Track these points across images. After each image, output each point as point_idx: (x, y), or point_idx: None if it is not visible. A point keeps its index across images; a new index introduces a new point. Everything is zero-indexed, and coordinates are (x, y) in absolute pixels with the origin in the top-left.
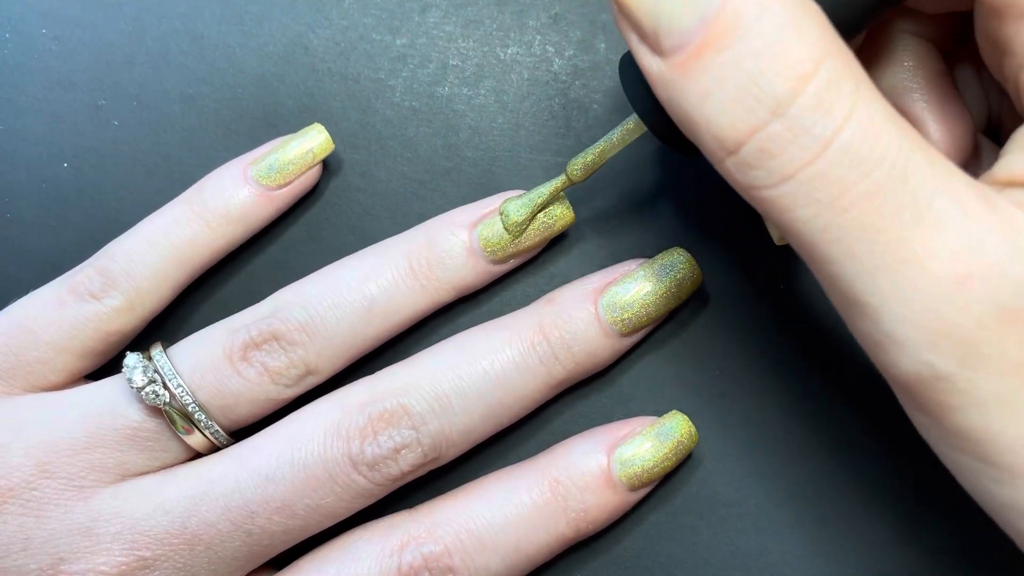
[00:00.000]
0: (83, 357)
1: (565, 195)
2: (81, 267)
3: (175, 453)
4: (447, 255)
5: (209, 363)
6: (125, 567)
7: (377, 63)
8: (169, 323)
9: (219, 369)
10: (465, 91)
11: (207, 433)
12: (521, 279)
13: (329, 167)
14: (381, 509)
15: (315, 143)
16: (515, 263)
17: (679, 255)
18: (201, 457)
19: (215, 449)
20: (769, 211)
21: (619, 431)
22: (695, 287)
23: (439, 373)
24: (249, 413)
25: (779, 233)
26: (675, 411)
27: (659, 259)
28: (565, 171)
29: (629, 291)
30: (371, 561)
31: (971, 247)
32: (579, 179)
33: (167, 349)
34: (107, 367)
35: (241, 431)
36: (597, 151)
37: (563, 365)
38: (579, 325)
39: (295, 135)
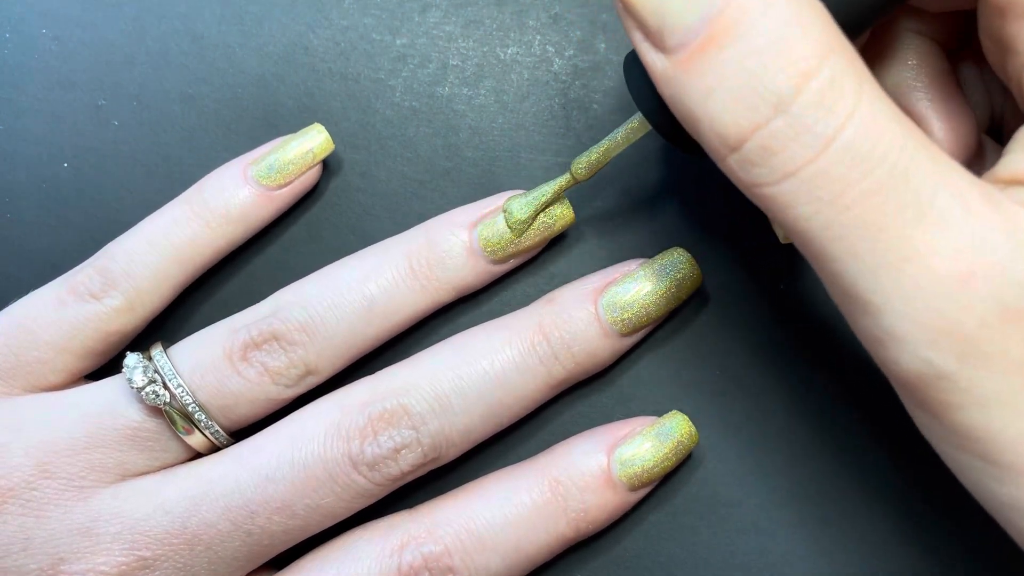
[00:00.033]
0: (83, 357)
1: (565, 195)
2: (81, 267)
3: (175, 453)
4: (447, 255)
5: (209, 363)
6: (125, 567)
7: (377, 63)
8: (169, 323)
9: (219, 369)
10: (465, 91)
11: (207, 433)
12: (521, 279)
13: (329, 167)
14: (381, 509)
15: (315, 143)
16: (515, 263)
17: (679, 255)
18: (201, 457)
19: (215, 449)
20: (771, 209)
21: (619, 431)
22: (695, 287)
23: (439, 373)
24: (249, 413)
25: (783, 232)
26: (675, 411)
27: (659, 259)
28: (569, 170)
29: (629, 291)
30: (371, 561)
31: (974, 245)
32: (583, 178)
33: (167, 349)
34: (107, 367)
35: (241, 431)
36: (601, 150)
37: (563, 365)
38: (579, 325)
39: (295, 135)
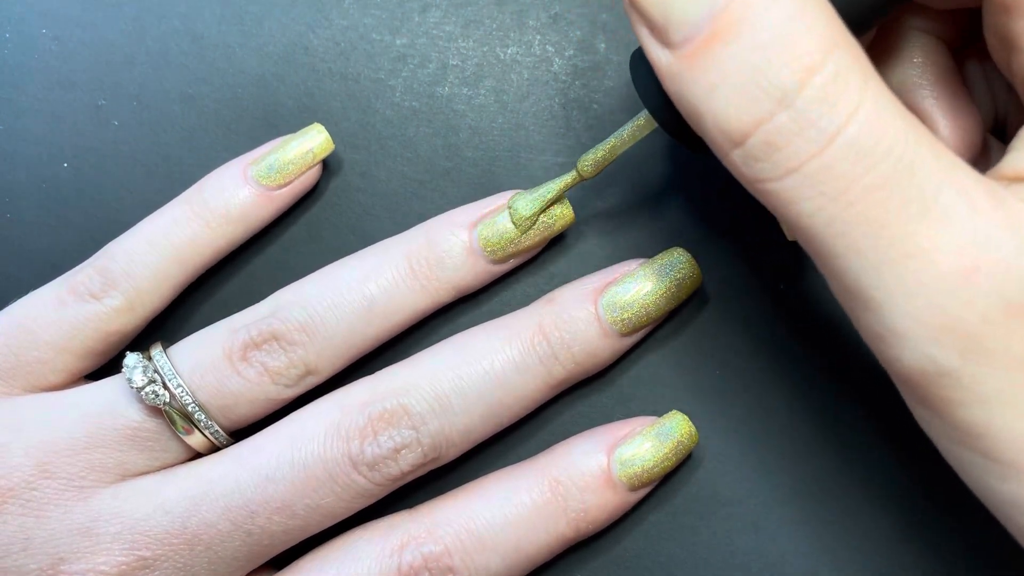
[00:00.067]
0: (83, 357)
1: (566, 195)
2: (81, 267)
3: (175, 453)
4: (447, 255)
5: (209, 363)
6: (125, 567)
7: (377, 63)
8: (169, 323)
9: (219, 369)
10: (465, 91)
11: (207, 433)
12: (521, 279)
13: (329, 167)
14: (381, 509)
15: (315, 143)
16: (515, 263)
17: (679, 255)
18: (201, 457)
19: (215, 449)
20: (775, 205)
21: (619, 431)
22: (695, 287)
23: (439, 373)
24: (249, 413)
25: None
26: (675, 411)
27: (659, 259)
28: (575, 167)
29: (629, 291)
30: (371, 561)
31: (977, 242)
32: (589, 175)
33: (167, 349)
34: (107, 367)
35: (241, 431)
36: (607, 147)
37: (563, 365)
38: (579, 325)
39: (295, 135)
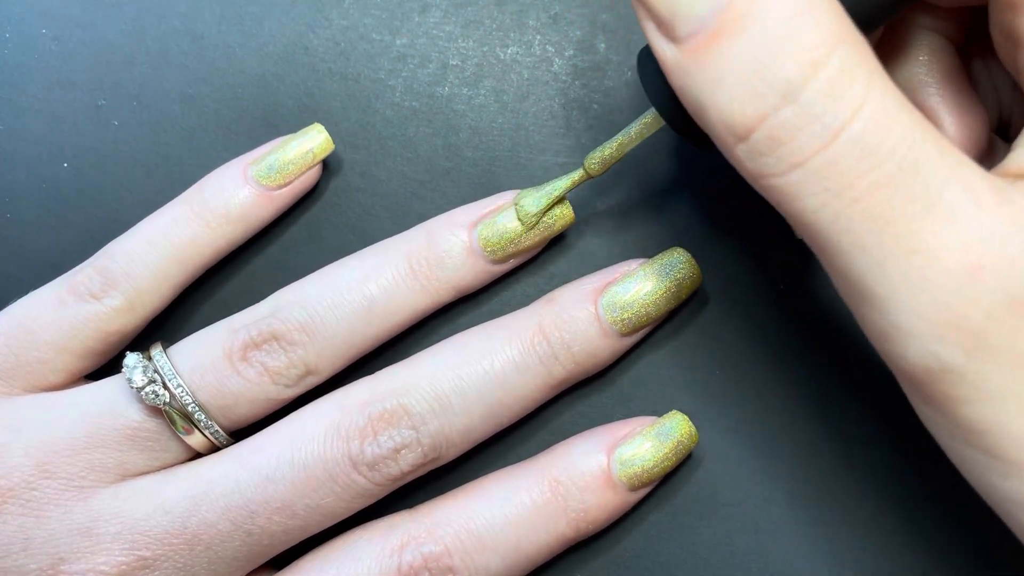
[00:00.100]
0: (83, 357)
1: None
2: (81, 267)
3: (175, 453)
4: (447, 255)
5: (209, 363)
6: (125, 567)
7: (377, 63)
8: (169, 323)
9: (219, 369)
10: (465, 91)
11: (207, 433)
12: (521, 279)
13: (329, 167)
14: (381, 509)
15: (315, 143)
16: (515, 263)
17: (679, 255)
18: (201, 457)
19: (215, 449)
20: (779, 201)
21: (619, 431)
22: (695, 287)
23: (439, 373)
24: (249, 413)
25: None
26: (675, 411)
27: (659, 259)
28: (582, 165)
29: (629, 291)
30: (371, 561)
31: (983, 238)
32: (596, 173)
33: (167, 349)
34: (107, 367)
35: (241, 431)
36: (615, 145)
37: (563, 365)
38: (579, 325)
39: (295, 135)
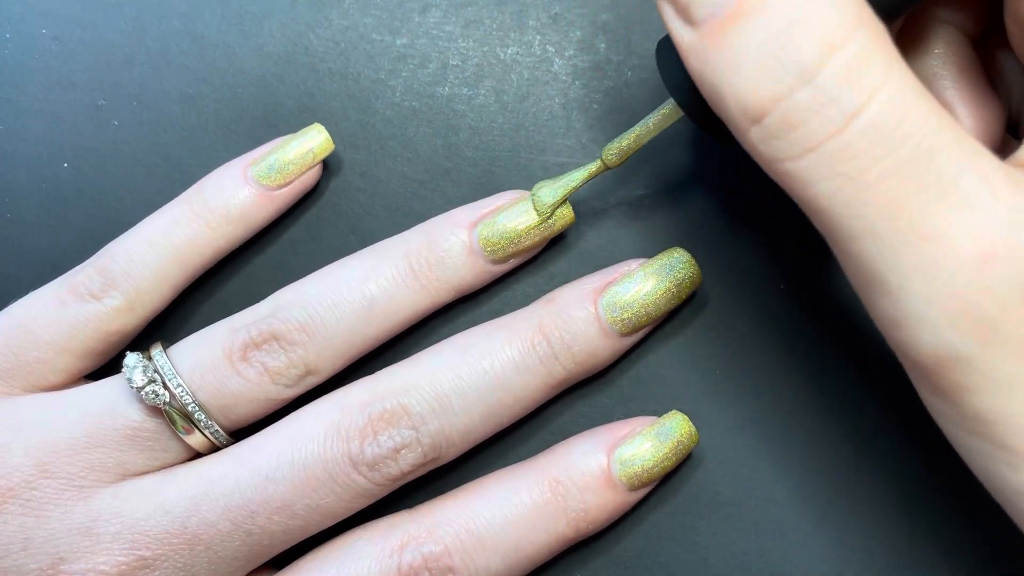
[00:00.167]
0: (83, 357)
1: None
2: (81, 267)
3: (175, 453)
4: (447, 255)
5: (209, 363)
6: (125, 567)
7: (377, 63)
8: (169, 323)
9: (219, 369)
10: (465, 91)
11: (207, 433)
12: (521, 279)
13: (329, 167)
14: (381, 509)
15: (315, 143)
16: (515, 263)
17: (679, 255)
18: (201, 457)
19: (215, 449)
20: (792, 187)
21: (619, 431)
22: (695, 287)
23: (439, 373)
24: (249, 413)
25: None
26: (675, 411)
27: (659, 259)
28: (600, 156)
29: (629, 291)
30: (371, 561)
31: (998, 227)
32: (614, 164)
33: (167, 349)
34: (107, 367)
35: (241, 431)
36: (633, 136)
37: (563, 365)
38: (579, 325)
39: (295, 135)
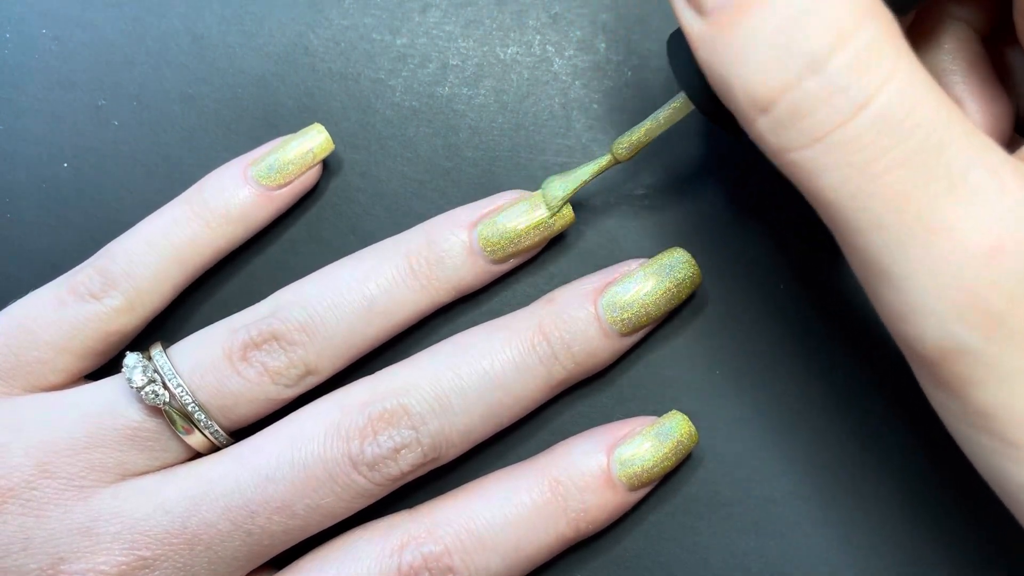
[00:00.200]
0: (83, 357)
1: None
2: (81, 267)
3: (175, 453)
4: (447, 255)
5: (209, 363)
6: (125, 567)
7: (377, 63)
8: (169, 323)
9: (219, 369)
10: (465, 91)
11: (207, 433)
12: (521, 279)
13: (329, 167)
14: (381, 509)
15: (315, 143)
16: (515, 263)
17: (679, 255)
18: (201, 457)
19: (215, 449)
20: (799, 177)
21: (619, 431)
22: (695, 287)
23: (439, 373)
24: (249, 413)
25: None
26: (675, 411)
27: (659, 259)
28: (610, 150)
29: (629, 291)
30: (371, 561)
31: (1005, 221)
32: (624, 158)
33: (167, 349)
34: (107, 367)
35: (241, 431)
36: (643, 130)
37: (563, 365)
38: (579, 325)
39: (295, 135)
